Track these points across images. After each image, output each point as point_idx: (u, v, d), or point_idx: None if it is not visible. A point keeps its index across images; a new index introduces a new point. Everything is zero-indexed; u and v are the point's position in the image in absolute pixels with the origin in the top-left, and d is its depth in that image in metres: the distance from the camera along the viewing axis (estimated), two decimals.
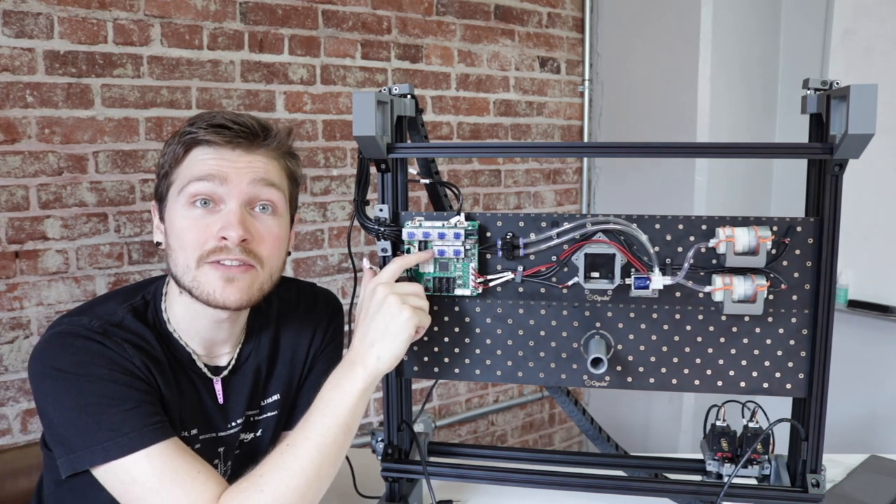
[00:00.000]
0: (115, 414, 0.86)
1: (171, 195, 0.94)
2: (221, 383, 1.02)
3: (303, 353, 1.10)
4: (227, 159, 0.92)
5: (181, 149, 0.93)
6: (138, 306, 0.97)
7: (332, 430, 0.88)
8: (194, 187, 0.91)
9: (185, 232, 0.91)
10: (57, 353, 0.88)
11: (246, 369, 1.04)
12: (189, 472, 0.86)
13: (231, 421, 1.02)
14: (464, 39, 2.64)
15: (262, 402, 1.07)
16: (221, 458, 1.02)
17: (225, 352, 1.03)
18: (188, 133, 0.93)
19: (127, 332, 0.93)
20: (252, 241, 0.92)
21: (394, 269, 0.94)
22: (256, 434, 1.07)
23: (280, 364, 1.08)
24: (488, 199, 2.78)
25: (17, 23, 1.78)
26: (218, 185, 0.91)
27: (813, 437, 0.94)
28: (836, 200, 0.90)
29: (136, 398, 0.88)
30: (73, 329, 0.90)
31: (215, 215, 0.92)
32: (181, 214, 0.92)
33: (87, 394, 0.86)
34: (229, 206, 0.92)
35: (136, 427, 0.86)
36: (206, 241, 0.91)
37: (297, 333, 1.10)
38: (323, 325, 1.13)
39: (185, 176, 0.92)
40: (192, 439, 0.97)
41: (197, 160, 0.92)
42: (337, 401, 0.89)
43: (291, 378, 1.09)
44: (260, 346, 1.06)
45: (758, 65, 2.72)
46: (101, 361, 0.88)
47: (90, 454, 0.85)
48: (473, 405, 2.86)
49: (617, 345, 0.98)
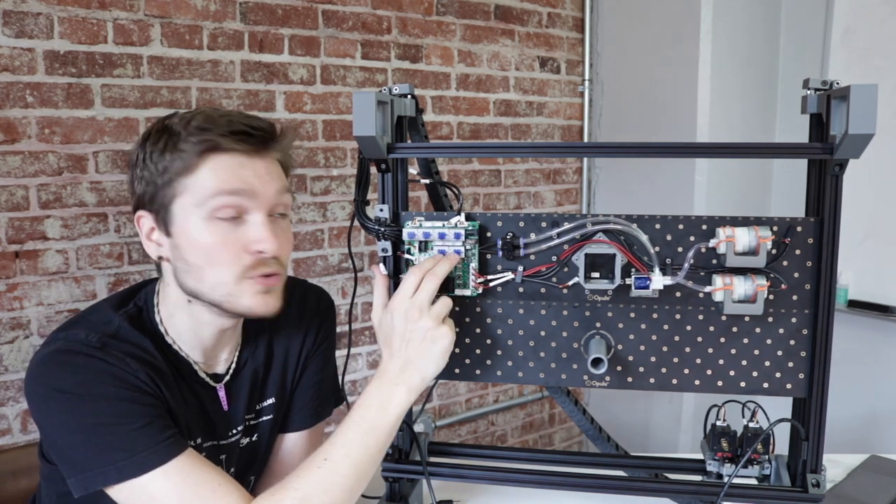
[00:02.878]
0: (126, 433, 0.83)
1: (183, 207, 0.88)
2: (225, 389, 1.01)
3: (295, 354, 1.09)
4: (248, 168, 0.89)
5: (194, 157, 0.87)
6: (133, 314, 0.94)
7: (370, 450, 0.87)
8: (222, 201, 0.87)
9: (215, 249, 0.88)
10: (57, 373, 0.85)
11: (245, 374, 1.03)
12: (209, 486, 0.84)
13: (233, 427, 1.02)
14: (464, 39, 2.64)
15: (259, 405, 1.06)
16: (224, 466, 1.01)
17: (223, 358, 1.02)
18: (203, 140, 0.87)
19: (126, 343, 0.89)
20: (279, 251, 0.92)
21: (431, 291, 0.90)
22: (253, 438, 1.06)
23: (275, 366, 1.07)
24: (488, 199, 2.78)
25: (17, 23, 1.78)
26: (246, 199, 0.89)
27: (813, 437, 0.94)
28: (836, 200, 0.90)
29: (146, 413, 0.85)
30: (71, 346, 0.86)
31: (242, 227, 0.89)
32: (203, 229, 0.88)
33: (96, 414, 0.83)
34: (255, 217, 0.90)
35: (150, 444, 0.83)
36: (241, 257, 0.89)
37: (290, 334, 1.09)
38: (315, 325, 1.12)
39: (207, 187, 0.87)
40: (197, 448, 0.95)
41: (219, 170, 0.88)
42: (379, 421, 0.88)
43: (285, 380, 1.09)
44: (257, 350, 1.05)
45: (758, 65, 2.72)
46: (106, 379, 0.85)
47: (103, 474, 0.82)
48: (473, 405, 2.86)
49: (617, 345, 0.98)
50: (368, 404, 0.89)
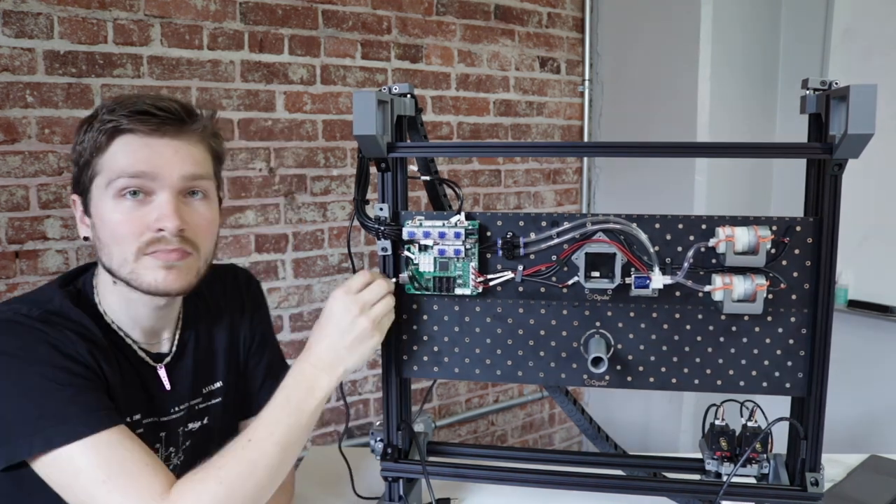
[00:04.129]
0: (59, 400, 0.83)
1: (97, 187, 0.91)
2: (166, 370, 1.01)
3: (238, 336, 1.11)
4: (153, 149, 0.90)
5: (103, 137, 0.89)
6: (74, 294, 0.95)
7: (294, 430, 0.90)
8: (123, 182, 0.89)
9: (118, 226, 0.89)
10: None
11: (187, 355, 1.04)
12: (138, 464, 0.83)
13: (174, 406, 1.02)
14: (464, 39, 2.64)
15: (205, 389, 1.07)
16: (163, 444, 1.01)
17: (165, 338, 1.03)
18: (109, 121, 0.89)
19: (67, 320, 0.90)
20: (188, 230, 0.92)
21: (377, 293, 0.94)
22: (204, 422, 1.07)
23: (219, 350, 1.09)
24: (488, 199, 2.78)
25: (17, 23, 1.78)
26: (148, 179, 0.89)
27: (812, 436, 0.95)
28: (835, 200, 0.90)
29: (80, 385, 0.86)
30: (13, 317, 0.87)
31: (147, 206, 0.90)
32: (111, 208, 0.90)
33: (30, 378, 0.84)
34: (161, 196, 0.90)
35: (81, 414, 0.83)
36: (143, 233, 0.90)
37: (230, 317, 1.11)
38: (248, 305, 1.14)
39: (112, 169, 0.89)
40: (135, 424, 0.95)
41: (122, 151, 0.89)
42: (303, 403, 0.91)
43: (231, 363, 1.10)
44: (199, 333, 1.07)
45: (758, 65, 2.72)
46: (43, 348, 0.85)
47: (29, 442, 0.81)
48: (473, 405, 2.86)
49: (617, 344, 0.98)
50: (295, 387, 0.92)
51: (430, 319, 1.02)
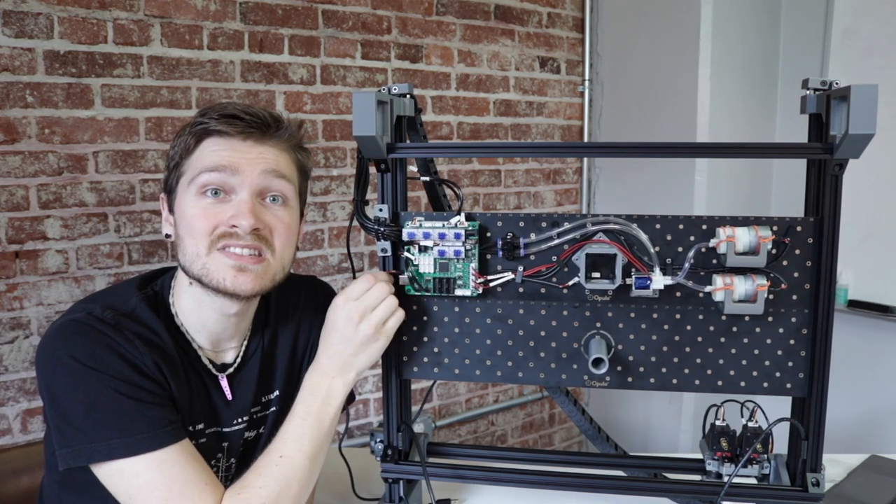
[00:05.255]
0: (125, 413, 0.85)
1: (182, 186, 0.93)
2: (227, 380, 1.01)
3: (301, 348, 1.10)
4: (238, 150, 0.92)
5: (192, 139, 0.93)
6: (150, 296, 0.97)
7: (319, 441, 0.93)
8: (205, 178, 0.91)
9: (195, 220, 0.91)
10: (74, 340, 0.87)
11: (251, 366, 1.04)
12: (197, 483, 0.86)
13: (237, 417, 1.02)
14: (464, 39, 2.64)
15: (265, 398, 1.07)
16: (224, 454, 1.02)
17: (231, 347, 1.03)
18: (199, 123, 0.93)
19: (139, 324, 0.92)
20: (263, 230, 0.92)
21: (377, 297, 0.95)
22: (259, 431, 1.07)
23: (280, 360, 1.08)
24: (488, 199, 2.78)
25: (17, 23, 1.78)
26: (229, 175, 0.91)
27: (813, 436, 0.94)
28: (835, 200, 0.90)
29: (146, 398, 0.87)
30: (88, 320, 0.88)
31: (226, 205, 0.92)
32: (191, 204, 0.92)
33: (100, 389, 0.85)
34: (240, 195, 0.92)
35: (146, 429, 0.85)
36: (217, 228, 0.91)
37: (296, 328, 1.10)
38: (317, 320, 1.12)
39: (196, 167, 0.92)
40: (199, 433, 0.97)
41: (208, 151, 0.92)
42: (324, 414, 0.94)
43: (290, 373, 1.09)
44: (264, 342, 1.06)
45: (758, 65, 2.72)
46: (114, 358, 0.87)
47: (93, 450, 0.83)
48: (473, 405, 2.86)
49: (617, 345, 0.98)
50: (313, 398, 0.94)
51: (431, 320, 1.02)
